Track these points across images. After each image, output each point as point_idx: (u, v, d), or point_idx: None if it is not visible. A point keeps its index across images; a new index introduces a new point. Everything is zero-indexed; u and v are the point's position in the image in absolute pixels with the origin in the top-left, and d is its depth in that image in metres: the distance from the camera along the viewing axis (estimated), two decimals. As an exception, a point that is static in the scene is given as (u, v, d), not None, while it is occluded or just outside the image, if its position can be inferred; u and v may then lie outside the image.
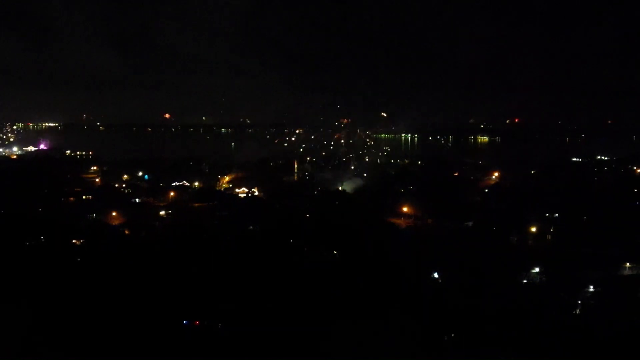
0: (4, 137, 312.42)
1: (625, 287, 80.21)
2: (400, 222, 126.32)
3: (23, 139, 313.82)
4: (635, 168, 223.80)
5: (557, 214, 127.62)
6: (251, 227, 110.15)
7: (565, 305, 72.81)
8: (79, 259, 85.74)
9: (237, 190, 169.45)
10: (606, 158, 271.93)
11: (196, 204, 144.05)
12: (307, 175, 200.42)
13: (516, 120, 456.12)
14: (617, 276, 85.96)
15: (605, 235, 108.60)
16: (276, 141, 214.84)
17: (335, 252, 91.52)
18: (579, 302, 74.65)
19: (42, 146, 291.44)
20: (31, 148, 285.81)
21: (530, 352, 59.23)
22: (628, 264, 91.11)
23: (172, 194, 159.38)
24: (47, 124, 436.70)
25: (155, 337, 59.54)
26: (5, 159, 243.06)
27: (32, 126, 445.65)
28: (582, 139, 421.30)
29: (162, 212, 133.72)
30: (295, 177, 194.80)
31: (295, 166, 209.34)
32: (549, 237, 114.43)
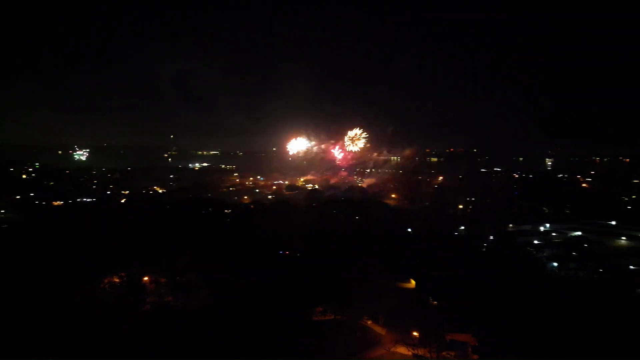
0: (192, 158, 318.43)
1: (508, 237, 78.25)
2: (391, 202, 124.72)
3: (201, 159, 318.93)
4: (514, 174, 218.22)
5: (473, 199, 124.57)
6: (313, 204, 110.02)
7: (478, 246, 71.00)
8: (228, 219, 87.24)
9: (307, 185, 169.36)
10: (499, 169, 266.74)
11: (286, 192, 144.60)
12: (343, 177, 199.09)
13: (451, 150, 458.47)
14: (505, 231, 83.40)
15: (498, 209, 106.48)
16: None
17: (357, 217, 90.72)
18: (485, 244, 72.78)
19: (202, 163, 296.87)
20: (205, 164, 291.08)
21: (457, 267, 57.87)
22: (510, 225, 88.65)
23: (274, 187, 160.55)
24: (213, 152, 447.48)
25: (263, 259, 60.15)
26: (193, 169, 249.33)
27: (206, 153, 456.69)
28: (486, 159, 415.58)
29: (270, 197, 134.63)
30: (337, 179, 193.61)
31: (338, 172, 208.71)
32: (469, 210, 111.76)
